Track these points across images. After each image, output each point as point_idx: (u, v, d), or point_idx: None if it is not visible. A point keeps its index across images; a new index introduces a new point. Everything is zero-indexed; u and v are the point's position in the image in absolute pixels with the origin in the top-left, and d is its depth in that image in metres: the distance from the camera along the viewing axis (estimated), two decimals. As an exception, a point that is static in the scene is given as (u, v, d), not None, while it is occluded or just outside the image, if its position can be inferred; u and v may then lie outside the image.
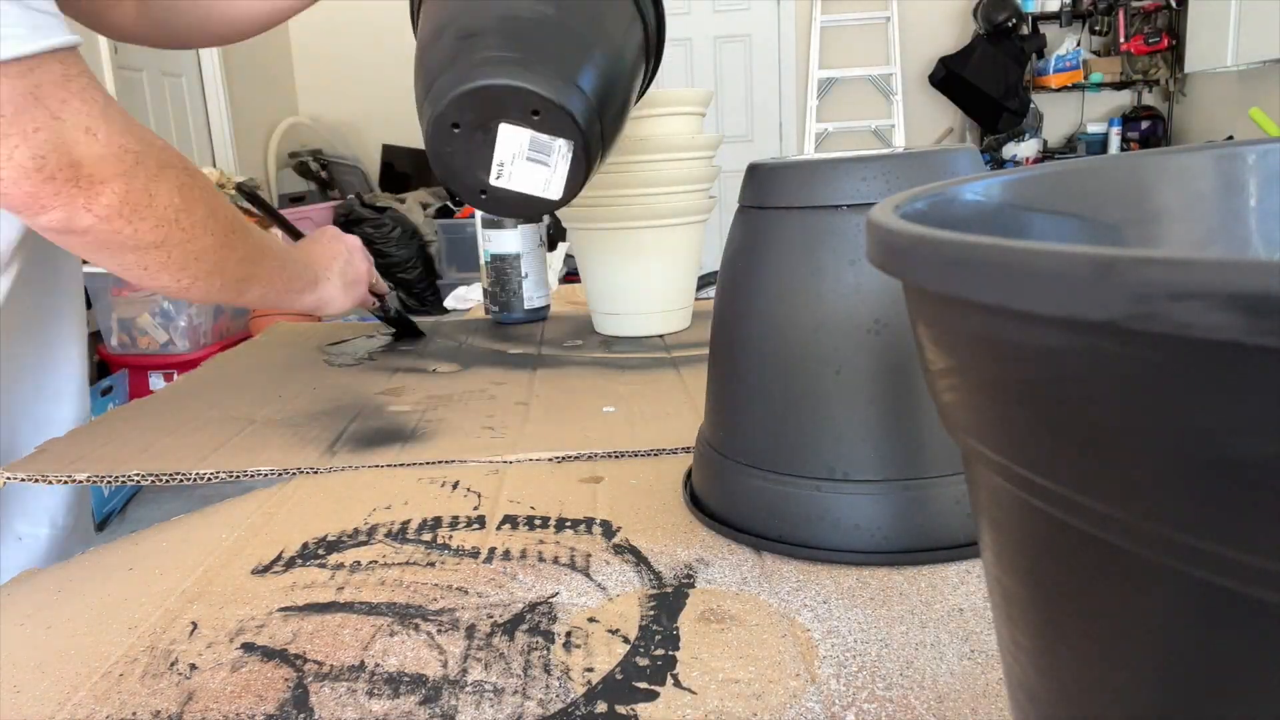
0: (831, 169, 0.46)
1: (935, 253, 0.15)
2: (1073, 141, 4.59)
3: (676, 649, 0.40)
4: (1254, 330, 0.10)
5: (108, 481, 0.62)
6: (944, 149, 0.47)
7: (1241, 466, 0.12)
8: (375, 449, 0.68)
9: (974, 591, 0.43)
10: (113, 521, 2.43)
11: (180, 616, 0.45)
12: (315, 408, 0.78)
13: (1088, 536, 0.14)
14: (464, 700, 0.37)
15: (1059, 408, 0.14)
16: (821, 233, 0.46)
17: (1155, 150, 0.26)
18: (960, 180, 0.23)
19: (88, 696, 0.39)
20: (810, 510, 0.47)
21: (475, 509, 0.56)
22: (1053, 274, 0.12)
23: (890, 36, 4.50)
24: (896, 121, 4.55)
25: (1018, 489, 0.16)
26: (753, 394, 0.49)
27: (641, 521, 0.53)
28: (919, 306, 0.18)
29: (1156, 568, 0.13)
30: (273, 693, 0.38)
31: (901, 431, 0.46)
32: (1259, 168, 0.25)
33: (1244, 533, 0.12)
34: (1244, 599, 0.12)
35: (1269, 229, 0.24)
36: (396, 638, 0.42)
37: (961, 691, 0.36)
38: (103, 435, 0.71)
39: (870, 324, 0.45)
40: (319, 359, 0.98)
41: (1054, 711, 0.17)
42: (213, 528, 0.56)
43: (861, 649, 0.39)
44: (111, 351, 2.79)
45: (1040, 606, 0.17)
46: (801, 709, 0.35)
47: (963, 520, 0.46)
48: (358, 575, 0.48)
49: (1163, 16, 4.34)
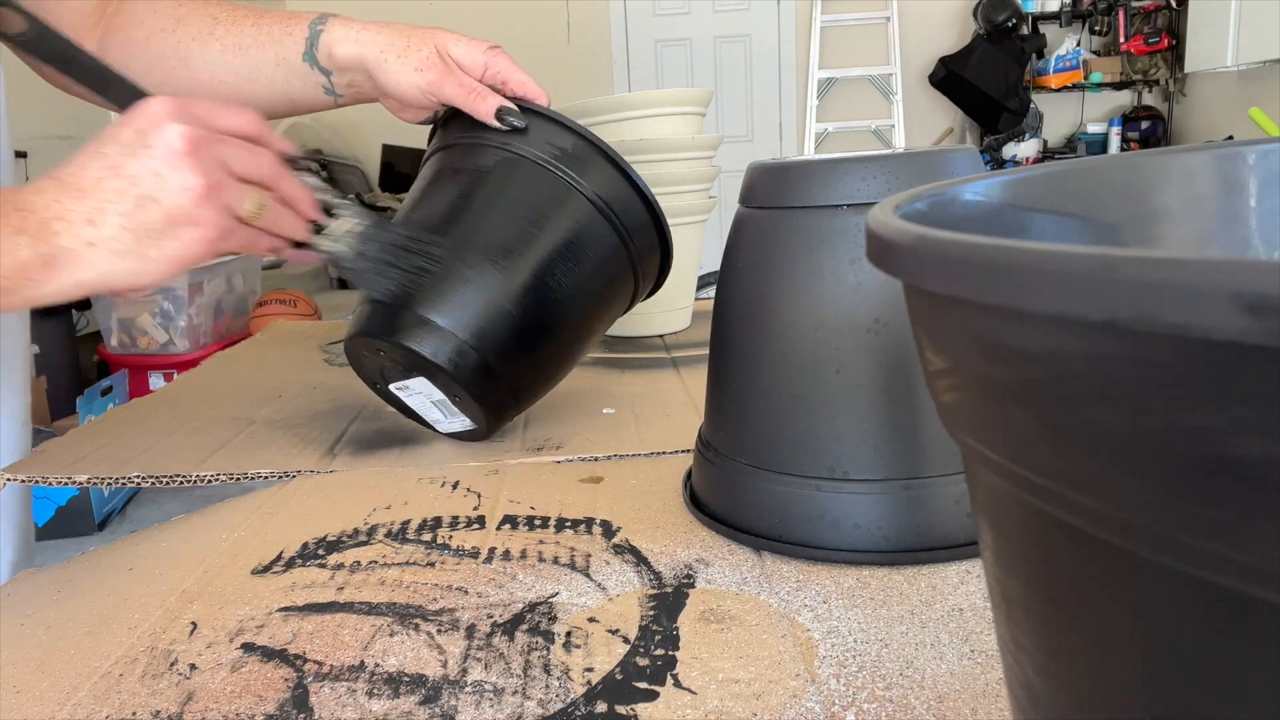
0: (831, 169, 0.46)
1: (935, 253, 0.15)
2: (1073, 141, 4.59)
3: (676, 649, 0.40)
4: (1254, 330, 0.10)
5: (108, 482, 0.62)
6: (944, 149, 0.47)
7: (1241, 466, 0.12)
8: (375, 451, 0.68)
9: (974, 591, 0.43)
10: (113, 521, 2.43)
11: (180, 616, 0.45)
12: (315, 408, 0.78)
13: (1088, 536, 0.14)
14: (464, 700, 0.37)
15: (1059, 408, 0.14)
16: (821, 233, 0.46)
17: (1155, 150, 0.26)
18: (960, 180, 0.23)
19: (88, 696, 0.39)
20: (810, 510, 0.47)
21: (475, 509, 0.56)
22: (1053, 274, 0.12)
23: (890, 36, 4.49)
24: (896, 121, 4.55)
25: (1018, 489, 0.16)
26: (753, 394, 0.49)
27: (641, 521, 0.53)
28: (919, 307, 0.18)
29: (1156, 568, 0.13)
30: (273, 693, 0.38)
31: (901, 431, 0.46)
32: (1259, 168, 0.25)
33: (1244, 533, 0.12)
34: (1244, 599, 0.12)
35: (1269, 229, 0.24)
36: (396, 638, 0.42)
37: (961, 691, 0.36)
38: (103, 435, 0.71)
39: (870, 324, 0.45)
40: (319, 359, 0.98)
41: (1054, 711, 0.17)
42: (213, 528, 0.56)
43: (861, 649, 0.39)
44: (111, 351, 2.79)
45: (1040, 606, 0.17)
46: (801, 709, 0.35)
47: (963, 520, 0.46)
48: (358, 575, 0.48)
49: (1163, 16, 4.34)
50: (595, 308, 0.65)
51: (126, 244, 0.47)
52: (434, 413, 0.66)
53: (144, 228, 0.47)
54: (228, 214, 0.49)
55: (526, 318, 0.61)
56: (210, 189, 0.48)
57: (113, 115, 0.53)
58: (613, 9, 4.55)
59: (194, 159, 0.47)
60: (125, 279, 0.48)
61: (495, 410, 0.64)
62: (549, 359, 0.65)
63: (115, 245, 0.47)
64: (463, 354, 0.59)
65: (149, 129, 0.47)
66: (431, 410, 0.66)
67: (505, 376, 0.62)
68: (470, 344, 0.59)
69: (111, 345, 2.79)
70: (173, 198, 0.47)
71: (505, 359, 0.61)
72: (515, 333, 0.61)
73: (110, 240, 0.46)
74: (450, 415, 0.66)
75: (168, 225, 0.47)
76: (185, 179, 0.47)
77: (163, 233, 0.47)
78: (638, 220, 0.64)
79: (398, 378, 0.64)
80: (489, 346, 0.60)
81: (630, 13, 4.56)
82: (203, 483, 0.63)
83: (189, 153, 0.47)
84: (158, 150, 0.47)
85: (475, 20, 4.26)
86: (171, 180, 0.47)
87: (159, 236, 0.47)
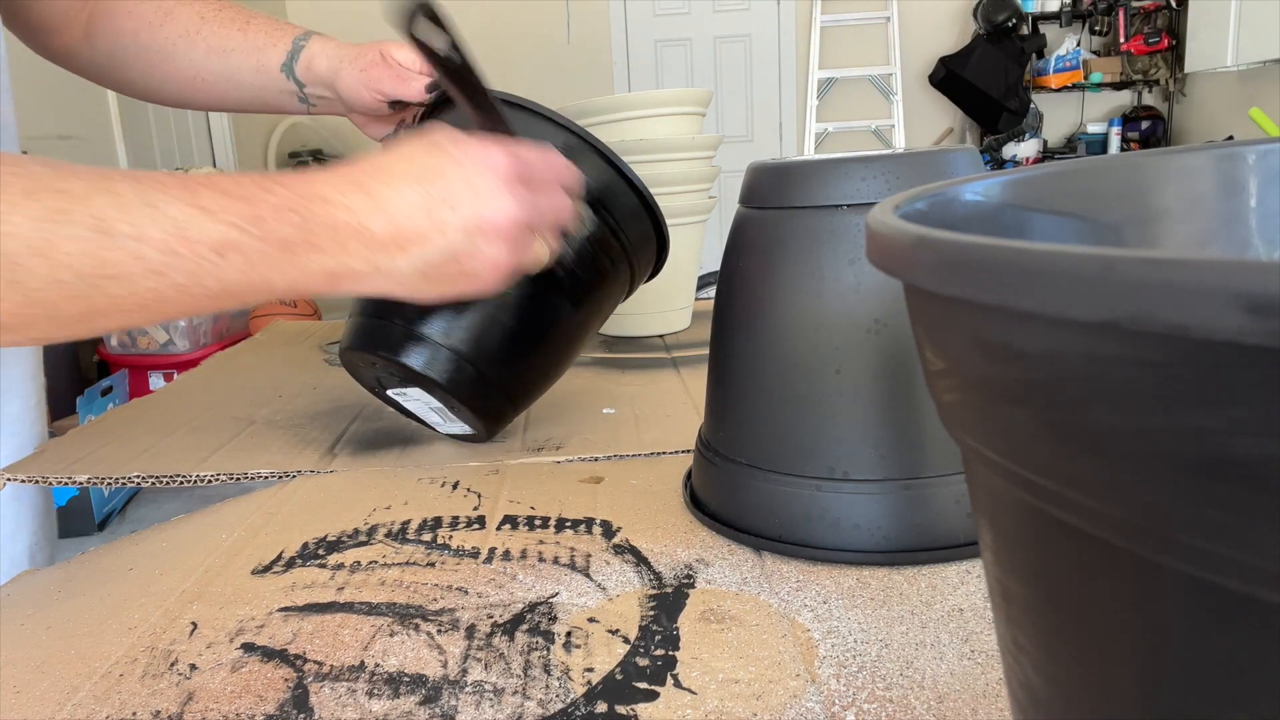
0: (831, 169, 0.46)
1: (935, 253, 0.15)
2: (1073, 141, 4.59)
3: (676, 649, 0.40)
4: (1254, 330, 0.10)
5: (108, 482, 0.62)
6: (944, 149, 0.47)
7: (1241, 466, 0.12)
8: (375, 451, 0.68)
9: (974, 591, 0.43)
10: (113, 521, 2.43)
11: (180, 616, 0.45)
12: (315, 408, 0.78)
13: (1088, 536, 0.14)
14: (464, 700, 0.37)
15: (1059, 408, 0.14)
16: (821, 233, 0.46)
17: (1155, 150, 0.26)
18: (960, 180, 0.23)
19: (88, 696, 0.39)
20: (810, 510, 0.47)
21: (475, 509, 0.56)
22: (1053, 274, 0.12)
23: (890, 36, 4.49)
24: (896, 121, 4.55)
25: (1018, 489, 0.16)
26: (753, 394, 0.49)
27: (641, 522, 0.53)
28: (919, 307, 0.18)
29: (1156, 568, 0.13)
30: (273, 693, 0.38)
31: (901, 431, 0.46)
32: (1259, 168, 0.25)
33: (1244, 533, 0.12)
34: (1244, 599, 0.12)
35: (1269, 229, 0.24)
36: (396, 638, 0.42)
37: (961, 691, 0.36)
38: (103, 435, 0.71)
39: (870, 324, 0.45)
40: (319, 359, 0.98)
41: (1055, 711, 0.17)
42: (213, 528, 0.56)
43: (861, 649, 0.39)
44: (111, 351, 2.79)
45: (1040, 606, 0.17)
46: (801, 709, 0.35)
47: (963, 520, 0.46)
48: (358, 575, 0.48)
49: (1163, 16, 4.34)
50: (589, 304, 0.64)
51: (415, 284, 0.45)
52: (434, 417, 0.66)
53: (438, 277, 0.45)
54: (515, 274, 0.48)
55: (519, 323, 0.60)
56: (513, 264, 0.47)
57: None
58: (613, 9, 4.55)
59: (511, 242, 0.46)
60: (386, 295, 0.46)
61: (493, 417, 0.64)
62: (545, 361, 0.64)
63: (404, 281, 0.44)
64: (456, 366, 0.59)
65: (482, 189, 0.44)
66: (431, 415, 0.66)
67: (500, 383, 0.61)
68: (463, 355, 0.59)
69: (111, 345, 2.79)
70: (476, 266, 0.45)
71: (499, 366, 0.60)
72: (508, 339, 0.60)
73: (401, 276, 0.44)
74: (449, 420, 0.66)
75: (460, 279, 0.46)
76: (496, 255, 0.45)
77: (452, 283, 0.46)
78: (627, 208, 0.63)
79: (395, 386, 0.64)
80: (481, 356, 0.59)
81: (630, 13, 4.56)
82: (203, 483, 0.63)
83: (509, 234, 0.45)
84: (484, 221, 0.44)
85: (475, 20, 4.26)
86: (484, 255, 0.45)
87: (446, 283, 0.46)
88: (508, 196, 0.45)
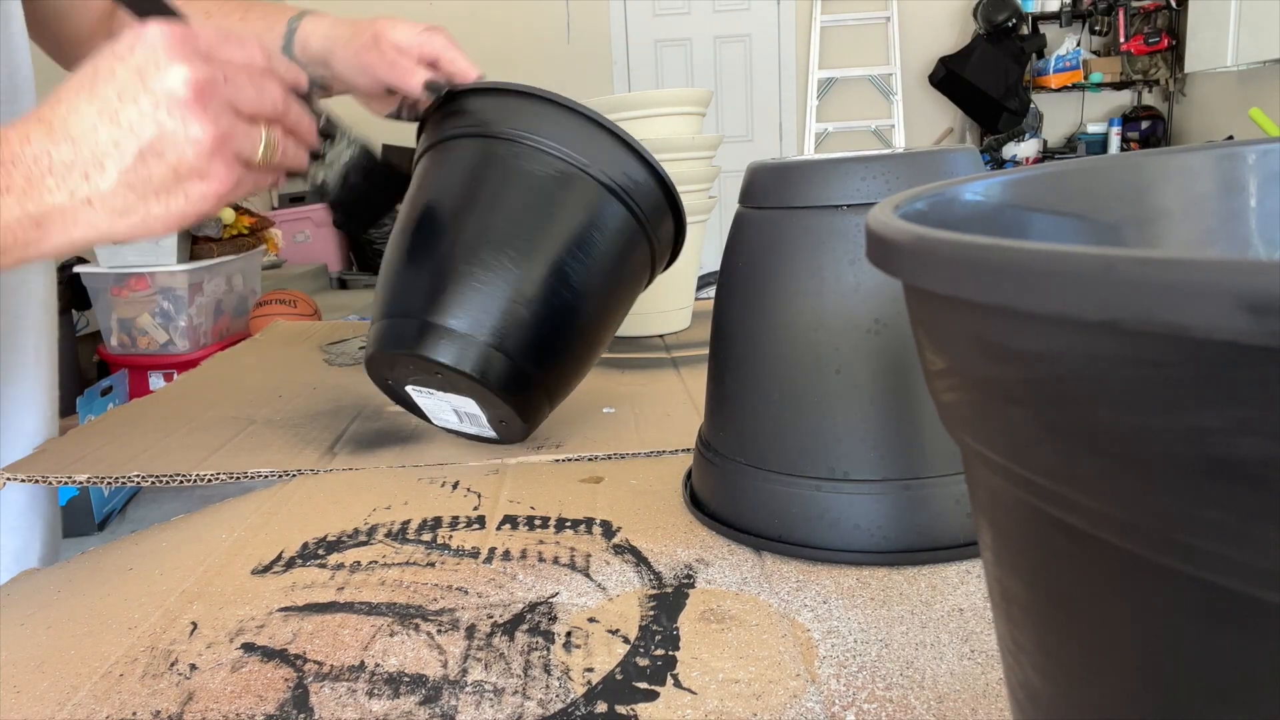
0: (831, 169, 0.46)
1: (935, 253, 0.15)
2: (1073, 141, 4.59)
3: (676, 649, 0.40)
4: (1254, 330, 0.10)
5: (108, 482, 0.62)
6: (944, 149, 0.47)
7: (1241, 466, 0.12)
8: (375, 450, 0.68)
9: (974, 591, 0.43)
10: (113, 521, 2.43)
11: (180, 616, 0.45)
12: (315, 408, 0.78)
13: (1088, 536, 0.14)
14: (464, 700, 0.37)
15: (1059, 408, 0.14)
16: (821, 233, 0.46)
17: (1155, 150, 0.26)
18: (960, 180, 0.23)
19: (88, 696, 0.39)
20: (810, 510, 0.47)
21: (475, 509, 0.56)
22: (1053, 274, 0.12)
23: (890, 36, 4.49)
24: (896, 121, 4.55)
25: (1018, 489, 0.16)
26: (753, 394, 0.49)
27: (641, 522, 0.53)
28: (919, 307, 0.18)
29: (1156, 568, 0.13)
30: (273, 693, 0.38)
31: (901, 431, 0.46)
32: (1259, 168, 0.25)
33: (1244, 533, 0.12)
34: (1244, 599, 0.12)
35: (1269, 229, 0.24)
36: (396, 638, 0.42)
37: (961, 691, 0.36)
38: (103, 435, 0.71)
39: (870, 324, 0.45)
40: (319, 359, 0.98)
41: (1055, 711, 0.17)
42: (212, 528, 0.56)
43: (861, 649, 0.39)
44: (111, 351, 2.79)
45: (1041, 606, 0.17)
46: (801, 709, 0.35)
47: (963, 520, 0.46)
48: (358, 575, 0.48)
49: (1163, 16, 4.34)
50: (618, 288, 0.64)
51: (128, 201, 0.42)
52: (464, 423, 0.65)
53: (147, 184, 0.42)
54: (238, 163, 0.44)
55: (550, 312, 0.59)
56: (220, 141, 0.43)
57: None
58: (613, 9, 4.55)
59: (201, 107, 0.42)
60: (126, 235, 0.43)
61: (531, 413, 0.62)
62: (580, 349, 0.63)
63: (115, 203, 0.42)
64: (490, 360, 0.58)
65: (148, 68, 0.41)
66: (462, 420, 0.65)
67: (537, 376, 0.60)
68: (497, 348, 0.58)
69: (111, 345, 2.79)
70: (178, 152, 0.42)
71: (535, 360, 0.60)
72: (541, 330, 0.59)
73: (109, 197, 0.42)
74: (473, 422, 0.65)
75: (174, 181, 0.43)
76: (192, 131, 0.42)
77: (168, 189, 0.43)
78: (645, 190, 0.63)
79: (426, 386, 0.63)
80: (515, 349, 0.58)
81: (630, 13, 4.56)
82: (203, 483, 0.63)
83: (195, 100, 0.42)
84: (160, 97, 0.41)
85: (475, 20, 4.26)
86: (177, 133, 0.41)
87: (164, 193, 0.43)
88: (178, 62, 0.42)
